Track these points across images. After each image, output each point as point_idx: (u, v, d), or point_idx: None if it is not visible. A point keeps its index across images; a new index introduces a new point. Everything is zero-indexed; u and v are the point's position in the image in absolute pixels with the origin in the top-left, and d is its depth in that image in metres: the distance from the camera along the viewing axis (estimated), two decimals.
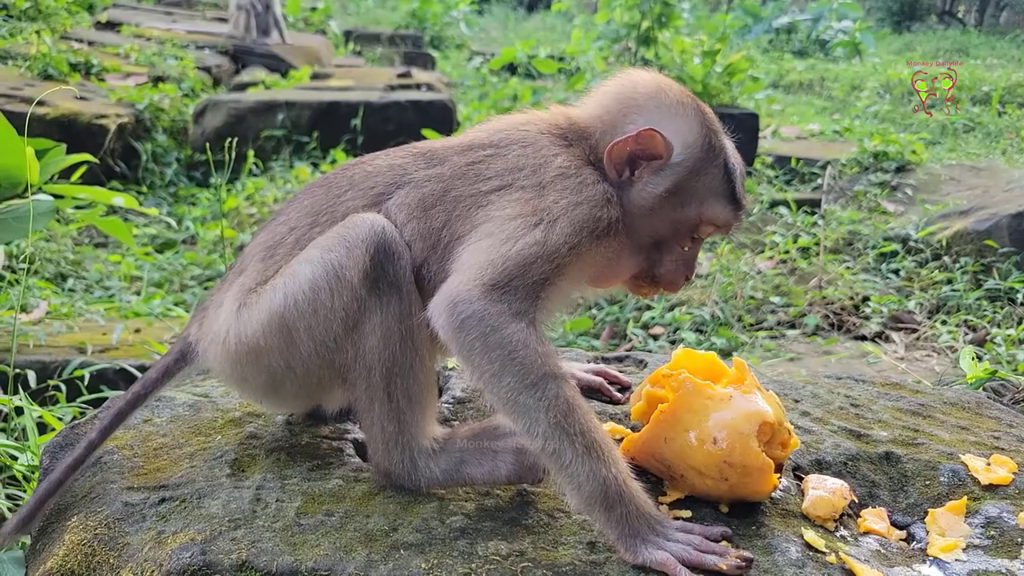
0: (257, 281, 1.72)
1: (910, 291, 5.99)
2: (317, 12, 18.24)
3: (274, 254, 1.74)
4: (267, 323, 1.65)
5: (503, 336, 1.51)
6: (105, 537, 1.55)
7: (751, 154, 8.99)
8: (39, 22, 11.83)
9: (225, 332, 1.71)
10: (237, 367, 1.72)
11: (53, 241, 6.18)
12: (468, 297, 1.54)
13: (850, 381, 2.39)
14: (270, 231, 1.81)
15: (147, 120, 8.89)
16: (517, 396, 1.51)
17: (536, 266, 1.57)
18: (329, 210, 1.75)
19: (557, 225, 1.60)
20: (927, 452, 1.93)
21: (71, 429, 1.89)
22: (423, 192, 1.71)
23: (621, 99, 1.78)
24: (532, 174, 1.68)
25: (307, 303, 1.61)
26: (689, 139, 1.73)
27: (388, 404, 1.65)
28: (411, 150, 1.84)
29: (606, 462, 1.50)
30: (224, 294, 1.79)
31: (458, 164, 1.74)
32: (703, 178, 1.74)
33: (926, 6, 28.01)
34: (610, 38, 9.40)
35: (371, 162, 1.83)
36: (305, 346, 1.64)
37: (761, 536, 1.59)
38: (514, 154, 1.73)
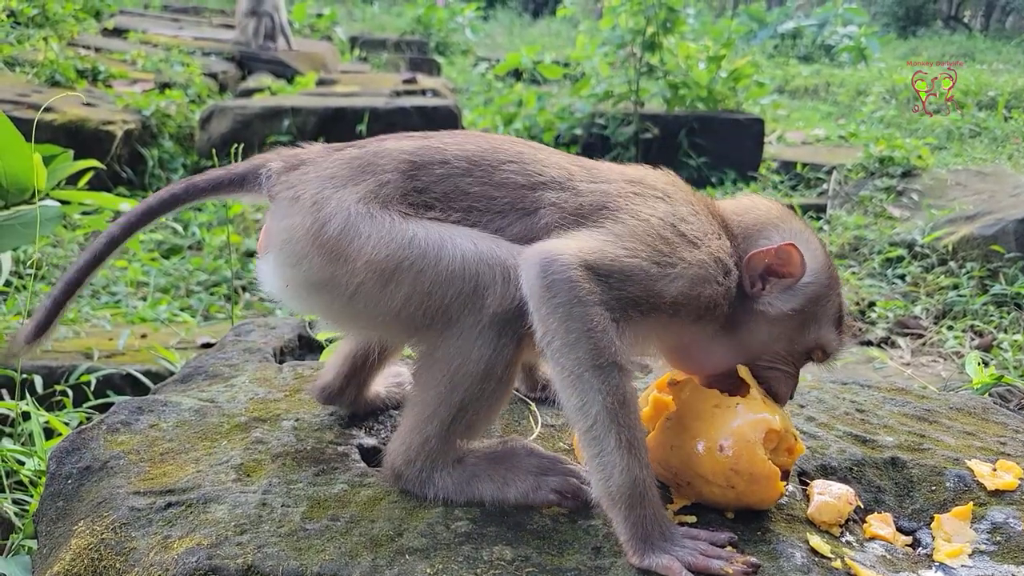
0: (394, 196, 1.63)
1: (916, 296, 5.98)
2: (323, 18, 18.30)
3: (417, 175, 1.67)
4: (381, 254, 1.57)
5: (588, 312, 1.50)
6: (111, 542, 1.55)
7: (756, 159, 9.00)
8: (46, 29, 11.88)
9: (332, 212, 1.61)
10: (310, 246, 1.62)
11: (60, 247, 6.20)
12: (567, 262, 1.51)
13: (856, 386, 2.39)
14: (420, 145, 1.74)
15: (153, 126, 8.92)
16: (583, 371, 1.49)
17: (636, 287, 1.56)
18: (489, 168, 1.70)
19: (677, 281, 1.59)
20: (933, 457, 1.93)
21: (78, 434, 1.89)
22: (583, 201, 1.68)
23: (754, 214, 1.81)
24: (696, 231, 1.68)
25: (430, 282, 1.56)
26: (817, 264, 1.75)
27: (448, 427, 1.64)
28: (575, 160, 1.82)
29: (641, 463, 1.50)
30: (340, 169, 1.69)
31: (624, 189, 1.72)
32: (824, 305, 1.76)
33: (932, 11, 27.99)
34: (615, 44, 9.39)
35: (540, 151, 1.79)
36: (389, 301, 1.58)
37: (766, 541, 1.59)
38: (683, 209, 1.72)
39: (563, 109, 9.24)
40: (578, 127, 9.00)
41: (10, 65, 9.87)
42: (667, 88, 9.22)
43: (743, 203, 1.87)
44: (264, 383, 2.19)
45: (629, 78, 9.15)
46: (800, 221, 1.82)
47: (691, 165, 8.76)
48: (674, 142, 8.83)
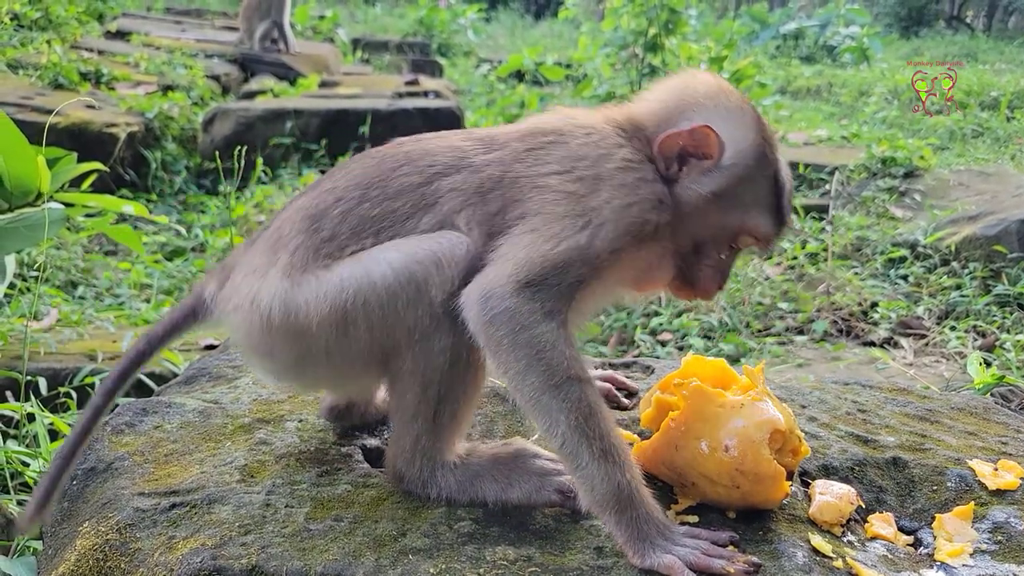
0: (307, 257, 1.65)
1: (919, 297, 5.97)
2: (325, 20, 18.32)
3: (320, 226, 1.68)
4: (325, 310, 1.59)
5: (532, 335, 1.51)
6: (116, 543, 1.56)
7: None
8: (49, 32, 11.91)
9: (267, 302, 1.64)
10: (268, 339, 1.67)
11: (64, 249, 6.22)
12: (501, 293, 1.53)
13: (857, 387, 2.39)
14: (313, 197, 1.75)
15: (157, 128, 8.94)
16: (540, 396, 1.52)
17: (574, 268, 1.57)
18: (380, 184, 1.70)
19: (603, 229, 1.59)
20: (934, 457, 1.93)
21: None
22: (481, 177, 1.68)
23: (680, 95, 1.76)
24: (593, 164, 1.66)
25: (378, 305, 1.57)
26: (743, 145, 1.70)
27: (433, 421, 1.65)
28: (469, 134, 1.81)
29: (621, 467, 1.51)
30: (257, 258, 1.72)
31: (518, 149, 1.71)
32: (751, 187, 1.72)
33: (934, 11, 27.98)
34: (617, 45, 9.40)
35: (428, 141, 1.80)
36: (357, 343, 1.61)
37: (768, 541, 1.60)
38: (577, 142, 1.70)
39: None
40: None
41: (13, 68, 9.90)
42: None
43: (670, 85, 1.81)
44: (268, 385, 2.20)
45: (631, 79, 9.16)
46: (734, 99, 1.75)
47: None
48: None
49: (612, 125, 1.76)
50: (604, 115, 1.80)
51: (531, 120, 1.84)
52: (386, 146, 1.84)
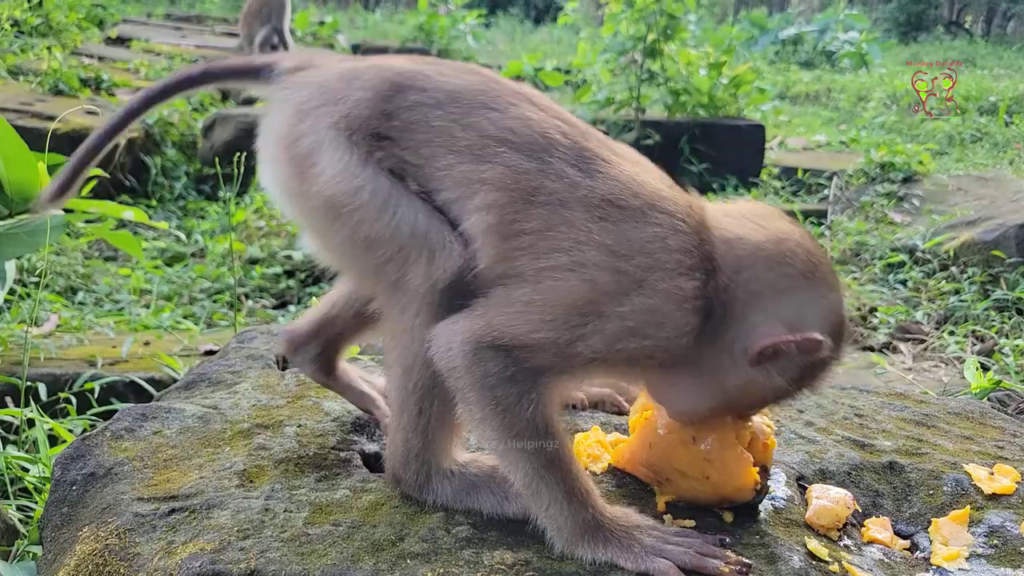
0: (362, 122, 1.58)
1: (918, 302, 5.98)
2: (325, 26, 18.34)
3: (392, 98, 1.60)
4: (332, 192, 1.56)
5: (491, 395, 1.48)
6: (116, 547, 1.57)
7: (758, 165, 9.01)
8: (50, 38, 11.94)
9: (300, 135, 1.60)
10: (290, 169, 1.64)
11: (63, 255, 6.22)
12: (461, 351, 1.48)
13: (854, 391, 2.40)
14: (406, 64, 1.67)
15: (156, 134, 8.96)
16: (499, 444, 1.52)
17: (544, 354, 1.48)
18: (466, 106, 1.59)
19: (593, 338, 1.46)
20: (931, 462, 1.94)
21: (83, 441, 1.91)
22: (544, 183, 1.53)
23: (776, 266, 1.53)
24: (644, 270, 1.48)
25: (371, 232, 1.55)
26: (833, 340, 1.53)
27: (417, 419, 1.63)
28: (578, 134, 1.61)
29: (584, 504, 1.50)
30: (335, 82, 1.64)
31: (597, 191, 1.52)
32: (828, 367, 1.60)
33: (933, 16, 28.04)
34: (616, 50, 9.42)
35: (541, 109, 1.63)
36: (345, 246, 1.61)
37: (764, 545, 1.60)
38: (652, 232, 1.50)
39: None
40: None
41: (14, 74, 9.93)
42: (668, 95, 9.25)
43: (766, 242, 1.55)
44: (267, 390, 2.21)
45: (630, 85, 9.17)
46: (830, 284, 1.56)
47: (692, 171, 8.78)
48: (675, 148, 8.86)
49: (698, 237, 1.54)
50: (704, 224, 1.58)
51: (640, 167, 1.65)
52: (503, 80, 1.70)
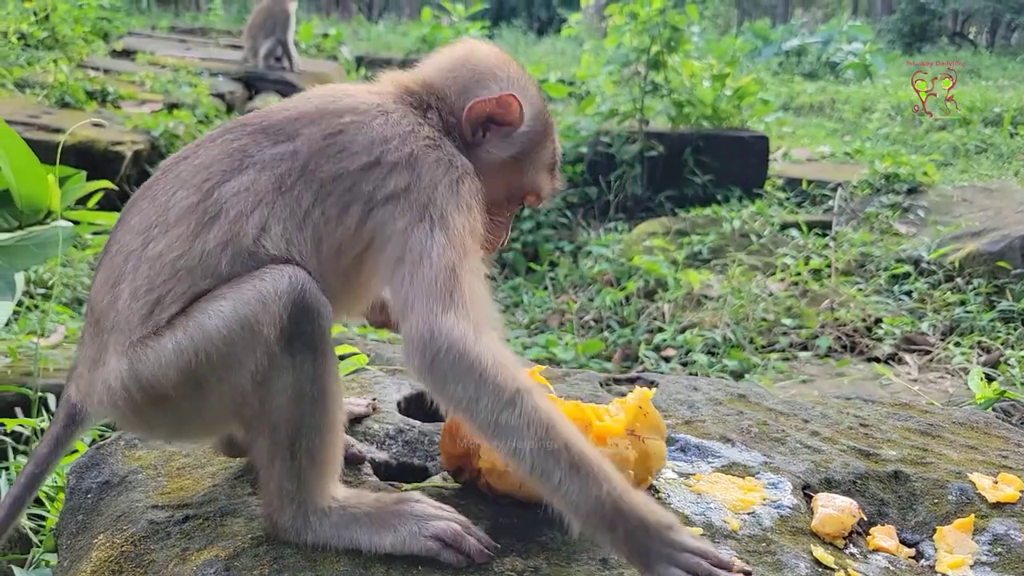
0: (129, 329, 1.56)
1: (923, 313, 5.99)
2: (329, 38, 18.43)
3: (118, 293, 1.59)
4: (176, 378, 1.52)
5: (471, 360, 1.46)
6: (131, 554, 1.59)
7: (762, 177, 9.04)
8: (56, 51, 12.01)
9: (120, 387, 1.57)
10: (141, 415, 1.61)
11: (70, 266, 6.26)
12: (427, 337, 1.48)
13: (859, 401, 2.42)
14: (106, 266, 1.65)
15: (162, 146, 8.99)
16: (497, 417, 1.45)
17: (459, 265, 1.54)
18: (159, 218, 1.60)
19: (448, 217, 1.58)
20: (936, 471, 1.96)
21: (97, 450, 1.94)
22: (277, 172, 1.60)
23: (472, 65, 1.83)
24: (400, 147, 1.63)
25: (219, 359, 1.51)
26: (535, 111, 1.83)
27: (290, 463, 1.57)
28: (245, 129, 1.67)
29: (596, 479, 1.44)
30: (94, 350, 1.63)
31: (314, 137, 1.63)
32: (539, 151, 1.86)
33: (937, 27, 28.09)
34: (620, 62, 9.45)
35: (197, 154, 1.66)
36: (215, 396, 1.56)
37: (771, 552, 1.62)
38: (377, 123, 1.66)
39: (568, 127, 9.29)
40: (583, 145, 9.05)
41: (20, 87, 9.98)
42: (672, 106, 9.28)
43: (457, 54, 1.86)
44: None
45: (634, 96, 9.21)
46: (518, 68, 1.86)
47: (696, 183, 8.81)
48: (679, 160, 8.89)
49: (405, 101, 1.76)
50: (396, 88, 1.79)
51: (313, 98, 1.73)
52: (152, 178, 1.71)
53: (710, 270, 6.79)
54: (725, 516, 1.74)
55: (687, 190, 8.84)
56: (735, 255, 6.94)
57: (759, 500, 1.81)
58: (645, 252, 7.05)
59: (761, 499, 1.81)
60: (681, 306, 6.24)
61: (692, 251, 7.19)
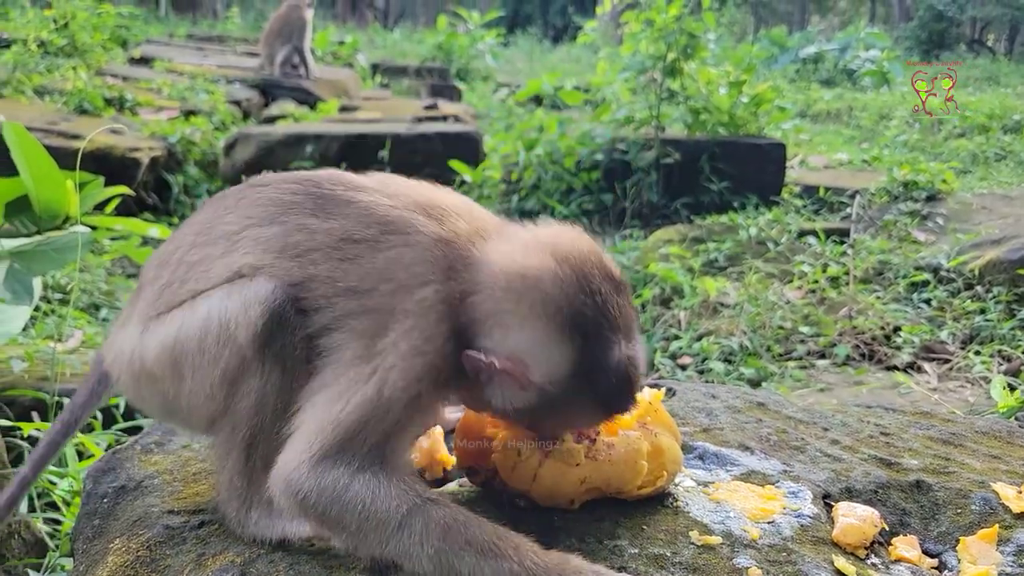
0: (152, 305, 1.68)
1: (942, 321, 5.94)
2: (345, 46, 18.54)
3: (161, 274, 1.70)
4: (161, 353, 1.62)
5: (348, 499, 1.43)
6: (147, 559, 1.59)
7: (778, 184, 9.00)
8: (75, 58, 12.12)
9: (129, 353, 1.68)
10: (136, 388, 1.72)
11: (87, 272, 6.29)
12: (299, 476, 1.46)
13: (880, 410, 2.39)
14: (166, 245, 1.77)
15: (179, 153, 9.06)
16: (387, 546, 1.43)
17: (372, 425, 1.47)
18: (207, 230, 1.69)
19: (391, 376, 1.47)
20: (958, 480, 1.93)
21: (113, 454, 1.94)
22: (288, 240, 1.60)
23: (518, 286, 1.51)
24: (390, 294, 1.52)
25: (194, 344, 1.57)
26: (554, 375, 1.51)
27: (244, 463, 1.60)
28: (309, 186, 1.67)
29: (507, 555, 1.40)
30: (127, 313, 1.76)
31: (334, 233, 1.59)
32: (565, 403, 1.56)
33: (955, 35, 27.95)
34: (636, 69, 9.43)
35: (265, 188, 1.71)
36: (189, 384, 1.60)
37: (791, 563, 1.60)
38: (386, 257, 1.55)
39: (584, 135, 9.28)
40: (599, 152, 9.04)
41: (40, 94, 10.08)
42: (688, 113, 9.26)
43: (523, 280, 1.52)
44: None
45: (650, 103, 9.19)
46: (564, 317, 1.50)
47: (713, 190, 8.78)
48: (695, 167, 8.86)
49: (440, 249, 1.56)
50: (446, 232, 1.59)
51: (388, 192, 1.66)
52: (234, 188, 1.79)
53: (727, 277, 6.75)
54: (744, 525, 1.72)
55: (703, 197, 8.81)
56: (752, 262, 6.91)
57: (779, 509, 1.78)
58: (661, 259, 7.03)
59: (781, 508, 1.79)
60: (697, 313, 6.21)
61: (708, 258, 7.16)
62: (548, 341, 1.50)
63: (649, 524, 1.69)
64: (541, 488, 1.68)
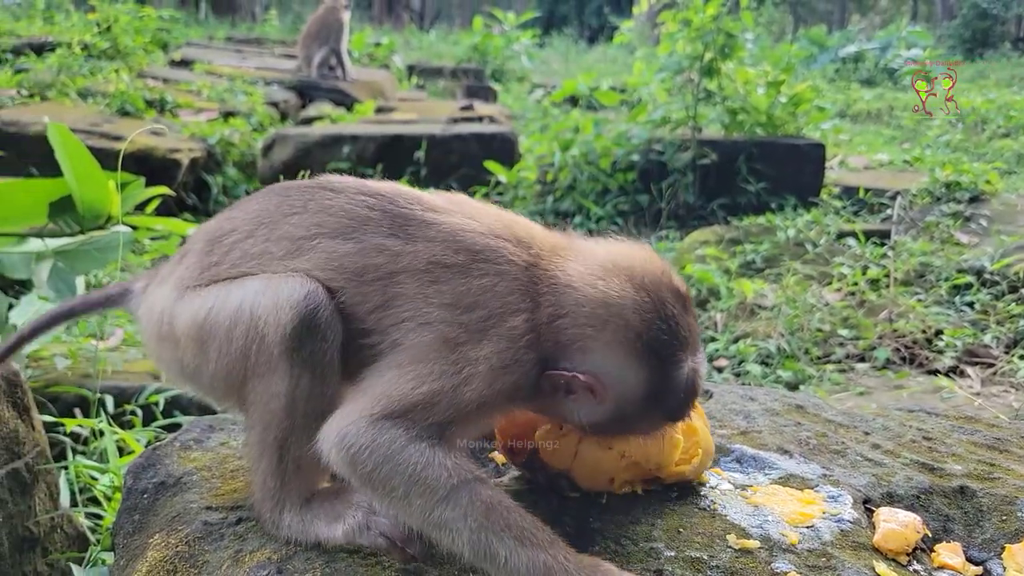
0: (195, 276, 1.69)
1: (986, 324, 5.83)
2: (381, 47, 18.64)
3: (212, 250, 1.70)
4: (191, 326, 1.63)
5: (400, 461, 1.44)
6: (186, 554, 1.60)
7: (817, 185, 8.90)
8: (117, 61, 12.33)
9: (159, 312, 1.71)
10: (158, 346, 1.74)
11: (129, 271, 6.38)
12: (356, 430, 1.47)
13: (922, 414, 2.35)
14: (222, 221, 1.77)
15: (218, 154, 9.17)
16: (431, 515, 1.44)
17: (440, 410, 1.49)
18: (271, 224, 1.68)
19: (474, 382, 1.50)
20: (1004, 486, 1.89)
21: (153, 451, 1.96)
22: (367, 262, 1.59)
23: (594, 323, 1.56)
24: (483, 320, 1.54)
25: (223, 330, 1.58)
26: (629, 392, 1.58)
27: (277, 465, 1.60)
28: (383, 202, 1.67)
29: (543, 546, 1.42)
30: (167, 271, 1.78)
31: (420, 256, 1.58)
32: (635, 416, 1.63)
33: (999, 33, 27.44)
34: (672, 70, 9.37)
35: (336, 195, 1.69)
36: (213, 363, 1.62)
37: (831, 568, 1.57)
38: (480, 284, 1.56)
39: (620, 135, 9.24)
40: (635, 153, 9.00)
41: (83, 96, 10.25)
42: (725, 113, 9.18)
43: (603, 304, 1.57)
44: None
45: (687, 104, 9.13)
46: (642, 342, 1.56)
47: (750, 191, 8.70)
48: (733, 168, 8.78)
49: (527, 276, 1.60)
50: (537, 253, 1.64)
51: (465, 215, 1.67)
52: (302, 183, 1.79)
53: (764, 279, 6.68)
54: (783, 529, 1.69)
55: (740, 198, 8.73)
56: (790, 264, 6.84)
57: (819, 514, 1.76)
58: (697, 260, 6.98)
59: (821, 513, 1.76)
60: (734, 315, 6.16)
61: (745, 260, 7.10)
62: (627, 365, 1.56)
63: (686, 527, 1.68)
64: (582, 465, 1.71)
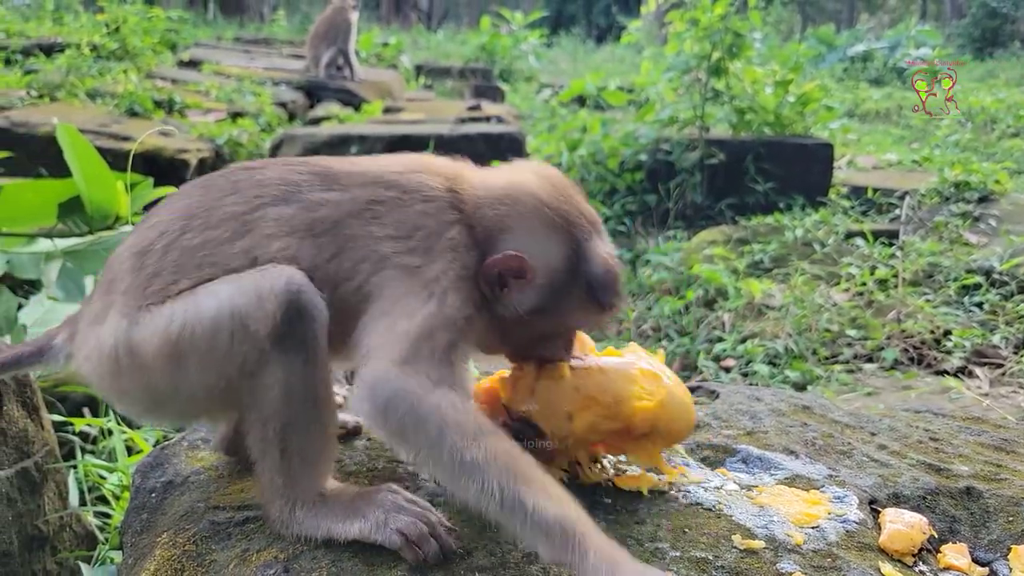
0: (139, 297, 1.63)
1: (994, 325, 5.81)
2: (389, 47, 18.66)
3: (144, 264, 1.66)
4: (159, 346, 1.57)
5: (430, 404, 1.49)
6: (193, 554, 1.61)
7: (825, 184, 8.88)
8: (126, 62, 12.37)
9: (111, 346, 1.63)
10: (115, 381, 1.66)
11: None
12: (384, 378, 1.51)
13: (929, 415, 2.35)
14: (139, 235, 1.72)
15: (226, 154, 9.18)
16: (463, 455, 1.44)
17: (439, 333, 1.57)
18: (204, 213, 1.68)
19: (448, 296, 1.61)
20: (1010, 488, 1.89)
21: (161, 450, 1.97)
22: (313, 217, 1.67)
23: (507, 206, 1.75)
24: (426, 238, 1.67)
25: (204, 340, 1.55)
26: (553, 263, 1.73)
27: (281, 460, 1.60)
28: (309, 167, 1.76)
29: (564, 500, 1.44)
30: (95, 306, 1.71)
31: (358, 199, 1.70)
32: (566, 297, 1.75)
33: (1009, 31, 27.32)
34: (680, 69, 9.36)
35: (261, 170, 1.76)
36: (194, 377, 1.59)
37: (837, 568, 1.58)
38: (416, 209, 1.70)
39: (628, 135, 9.23)
40: (643, 153, 8.99)
41: (92, 96, 10.29)
42: (733, 113, 9.17)
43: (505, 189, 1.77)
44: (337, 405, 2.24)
45: (694, 103, 9.12)
46: (548, 213, 1.74)
47: (758, 190, 8.69)
48: (740, 167, 8.77)
49: (452, 196, 1.75)
50: (451, 179, 1.79)
51: (379, 163, 1.82)
52: (216, 173, 1.80)
53: (772, 279, 6.67)
54: (788, 530, 1.70)
55: (748, 198, 8.72)
56: (798, 264, 6.82)
57: (824, 514, 1.76)
58: (705, 260, 6.97)
59: (826, 513, 1.76)
60: (742, 316, 6.15)
61: (753, 260, 7.09)
62: (544, 236, 1.74)
63: (691, 527, 1.68)
64: (541, 402, 1.76)
